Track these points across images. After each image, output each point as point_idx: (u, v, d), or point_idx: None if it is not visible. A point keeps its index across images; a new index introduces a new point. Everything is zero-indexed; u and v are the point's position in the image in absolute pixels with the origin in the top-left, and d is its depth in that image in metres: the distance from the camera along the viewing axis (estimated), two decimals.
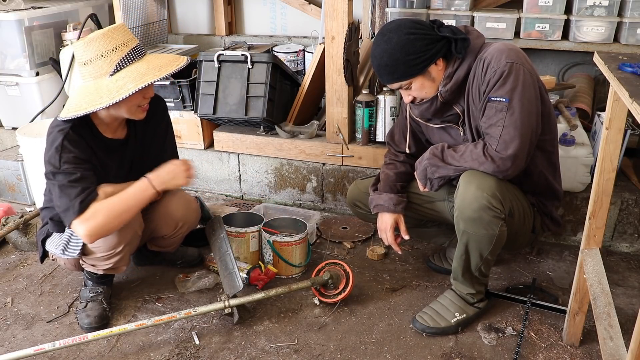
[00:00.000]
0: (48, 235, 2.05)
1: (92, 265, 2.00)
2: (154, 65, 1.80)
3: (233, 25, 3.77)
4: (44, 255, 2.10)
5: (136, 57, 1.80)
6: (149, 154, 2.07)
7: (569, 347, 1.87)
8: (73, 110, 1.77)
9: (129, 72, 1.76)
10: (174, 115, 2.92)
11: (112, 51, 1.75)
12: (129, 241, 1.94)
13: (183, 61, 1.86)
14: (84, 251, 1.94)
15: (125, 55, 1.77)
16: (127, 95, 1.73)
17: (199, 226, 2.42)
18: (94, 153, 1.88)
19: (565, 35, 2.68)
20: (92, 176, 1.83)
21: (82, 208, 1.76)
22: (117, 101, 1.73)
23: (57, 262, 2.15)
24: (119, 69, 1.76)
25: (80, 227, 1.76)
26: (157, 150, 2.09)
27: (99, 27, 3.30)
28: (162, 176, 1.90)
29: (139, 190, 1.86)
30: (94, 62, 1.76)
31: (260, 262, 2.32)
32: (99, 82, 1.77)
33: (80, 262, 2.01)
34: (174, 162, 1.95)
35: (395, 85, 1.85)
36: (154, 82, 1.78)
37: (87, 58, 1.77)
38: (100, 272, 2.02)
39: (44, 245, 2.06)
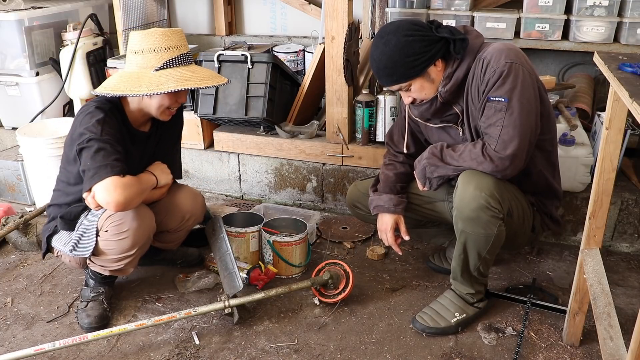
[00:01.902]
0: (55, 232, 2.05)
1: (101, 266, 1.99)
2: (198, 75, 1.89)
3: (233, 25, 3.77)
4: (47, 251, 2.10)
5: (183, 63, 1.89)
6: (162, 150, 2.12)
7: (569, 347, 1.87)
8: (110, 89, 1.84)
9: (173, 73, 1.85)
10: None
11: (164, 49, 1.85)
12: (142, 245, 1.94)
13: (224, 80, 1.96)
14: (95, 252, 1.94)
15: (175, 57, 1.87)
16: (165, 92, 1.80)
17: (199, 226, 2.42)
18: (124, 140, 1.92)
19: (565, 35, 2.67)
20: (124, 158, 1.86)
21: (121, 170, 1.77)
22: (154, 94, 1.80)
23: (60, 259, 2.14)
24: (165, 67, 1.85)
25: (116, 192, 1.73)
26: (169, 148, 2.16)
27: (99, 27, 3.30)
28: (157, 170, 2.03)
29: (147, 177, 1.97)
30: (145, 53, 1.85)
31: (260, 262, 2.32)
32: (143, 72, 1.85)
33: (87, 261, 2.01)
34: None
35: (394, 87, 1.85)
36: (192, 89, 1.86)
37: (139, 48, 1.86)
38: (107, 273, 2.02)
39: (49, 242, 2.06)
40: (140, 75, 1.84)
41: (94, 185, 1.75)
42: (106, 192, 1.74)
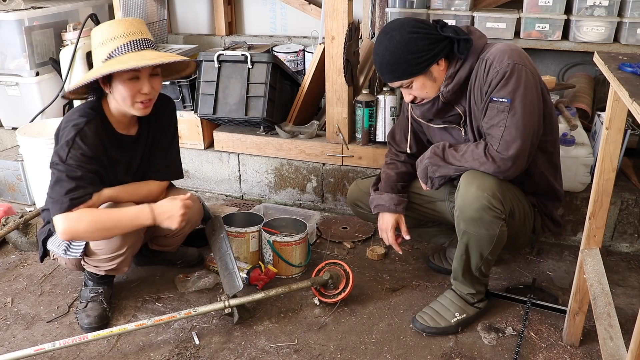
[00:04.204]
0: (49, 235, 2.05)
1: (95, 266, 2.00)
2: (145, 57, 1.83)
3: (233, 25, 3.77)
4: (44, 254, 2.11)
5: (134, 49, 1.83)
6: (156, 152, 2.10)
7: (569, 347, 1.87)
8: (72, 86, 1.88)
9: (119, 59, 1.81)
10: None
11: (110, 40, 1.83)
12: (132, 244, 1.95)
13: (173, 58, 1.86)
14: (87, 252, 1.94)
15: (123, 45, 1.82)
16: (107, 73, 1.77)
17: (199, 226, 2.42)
18: (106, 150, 1.91)
19: (565, 35, 2.68)
20: (93, 178, 1.84)
21: (70, 207, 1.78)
22: (95, 79, 1.79)
23: (57, 262, 2.15)
24: (112, 56, 1.82)
25: (60, 223, 1.78)
26: (163, 149, 2.13)
27: None
28: (161, 212, 1.88)
29: (136, 215, 1.86)
30: (96, 49, 1.86)
31: (260, 262, 2.32)
32: (95, 66, 1.87)
33: (82, 262, 2.02)
34: (176, 201, 1.90)
35: (396, 84, 1.85)
36: (138, 68, 1.79)
37: (93, 46, 1.88)
38: (102, 273, 2.02)
39: (45, 244, 2.06)
40: (94, 70, 1.86)
41: (52, 217, 1.81)
42: (56, 225, 1.80)
